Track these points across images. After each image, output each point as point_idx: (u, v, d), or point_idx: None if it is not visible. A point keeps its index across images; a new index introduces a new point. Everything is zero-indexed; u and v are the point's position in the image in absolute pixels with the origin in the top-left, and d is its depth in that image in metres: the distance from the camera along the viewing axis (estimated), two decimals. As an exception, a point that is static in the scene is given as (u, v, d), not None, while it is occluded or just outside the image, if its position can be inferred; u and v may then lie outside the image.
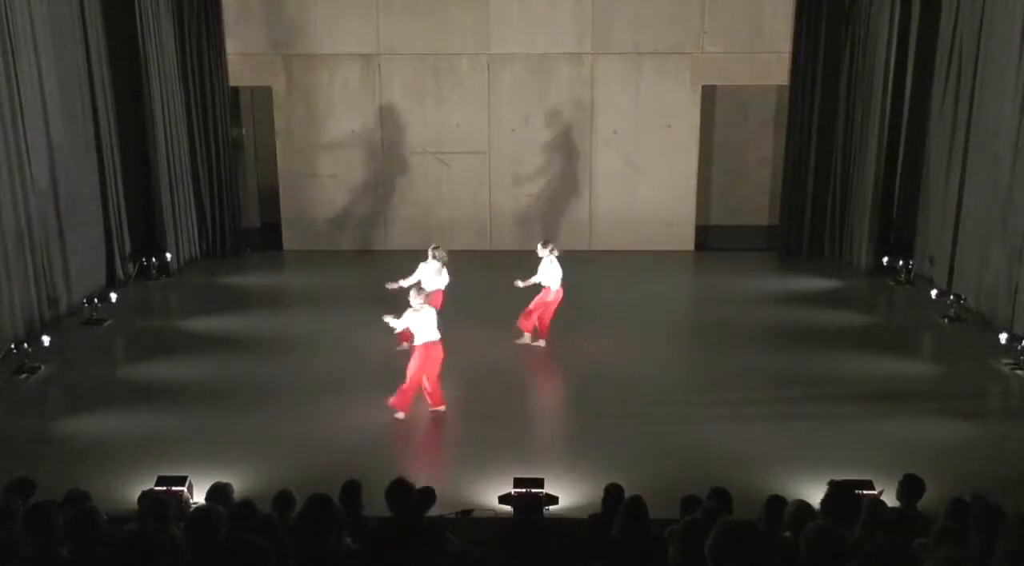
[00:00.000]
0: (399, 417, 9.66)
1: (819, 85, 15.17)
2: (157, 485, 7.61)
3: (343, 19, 15.38)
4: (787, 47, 15.25)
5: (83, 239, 13.37)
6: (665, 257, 15.73)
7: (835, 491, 5.51)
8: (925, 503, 6.28)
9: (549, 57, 15.51)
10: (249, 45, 15.47)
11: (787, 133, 15.63)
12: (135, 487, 7.59)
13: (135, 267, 14.61)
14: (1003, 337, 11.39)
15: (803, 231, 15.75)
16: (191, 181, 15.38)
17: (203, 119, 15.31)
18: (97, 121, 13.63)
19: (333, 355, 11.52)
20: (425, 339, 9.56)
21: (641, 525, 5.69)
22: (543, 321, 11.75)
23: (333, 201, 16.11)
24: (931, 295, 13.44)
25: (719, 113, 16.75)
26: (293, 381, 10.71)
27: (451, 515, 7.51)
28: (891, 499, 6.40)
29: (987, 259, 12.53)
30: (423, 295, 9.66)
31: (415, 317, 9.58)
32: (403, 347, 10.72)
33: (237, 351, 11.74)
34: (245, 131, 17.02)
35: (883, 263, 14.67)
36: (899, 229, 15.19)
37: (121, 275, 14.28)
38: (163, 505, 5.68)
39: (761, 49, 15.36)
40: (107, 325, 12.64)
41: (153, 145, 14.58)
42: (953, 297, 12.85)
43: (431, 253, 11.45)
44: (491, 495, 7.92)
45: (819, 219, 15.67)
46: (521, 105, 15.67)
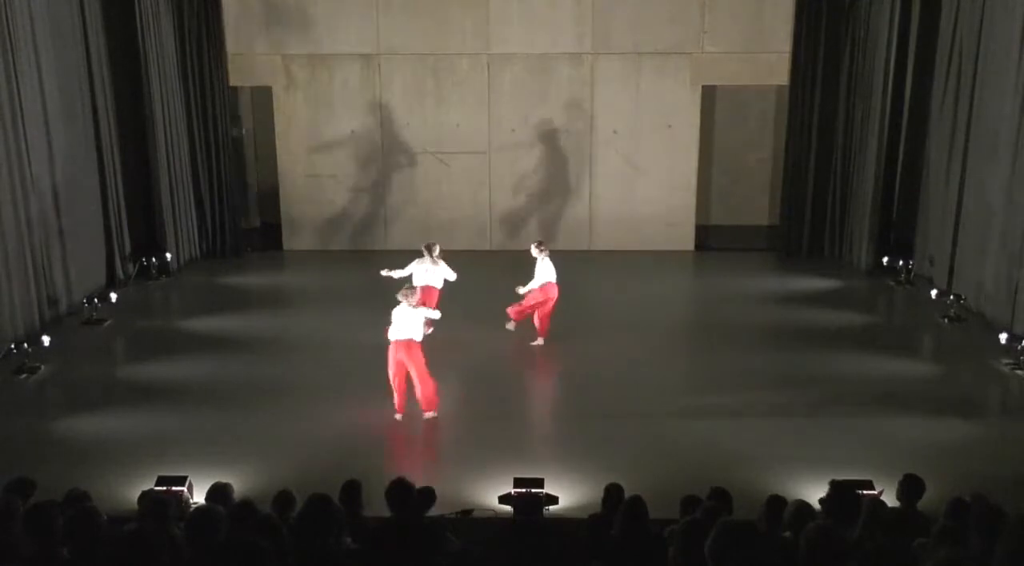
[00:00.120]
0: (398, 418, 9.69)
1: (819, 85, 15.16)
2: (157, 485, 7.61)
3: (343, 19, 15.38)
4: (787, 47, 15.25)
5: (83, 239, 13.37)
6: (665, 257, 15.73)
7: (835, 491, 5.52)
8: (925, 503, 6.28)
9: (549, 57, 15.51)
10: (249, 45, 15.47)
11: (787, 133, 15.62)
12: (135, 487, 7.59)
13: (135, 267, 14.61)
14: (1003, 337, 11.39)
15: (803, 231, 15.75)
16: (191, 181, 15.39)
17: (203, 119, 15.32)
18: (97, 121, 13.63)
19: (333, 355, 11.52)
20: (408, 337, 9.52)
21: (641, 525, 5.69)
22: (542, 321, 11.76)
23: (333, 201, 16.11)
24: (931, 295, 13.44)
25: (719, 113, 16.74)
26: (293, 381, 10.72)
27: (451, 515, 7.51)
28: (891, 499, 6.40)
29: (987, 259, 12.53)
30: (413, 294, 9.64)
31: (403, 314, 9.55)
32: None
33: (237, 351, 11.74)
34: (245, 131, 17.03)
35: (883, 263, 14.66)
36: (899, 229, 15.18)
37: (121, 275, 14.28)
38: (163, 505, 5.67)
39: (761, 49, 15.36)
40: (107, 325, 12.65)
41: (153, 145, 14.58)
42: (953, 297, 12.85)
43: (424, 250, 11.63)
44: (491, 495, 7.93)
45: (819, 219, 15.67)
46: (521, 105, 15.67)
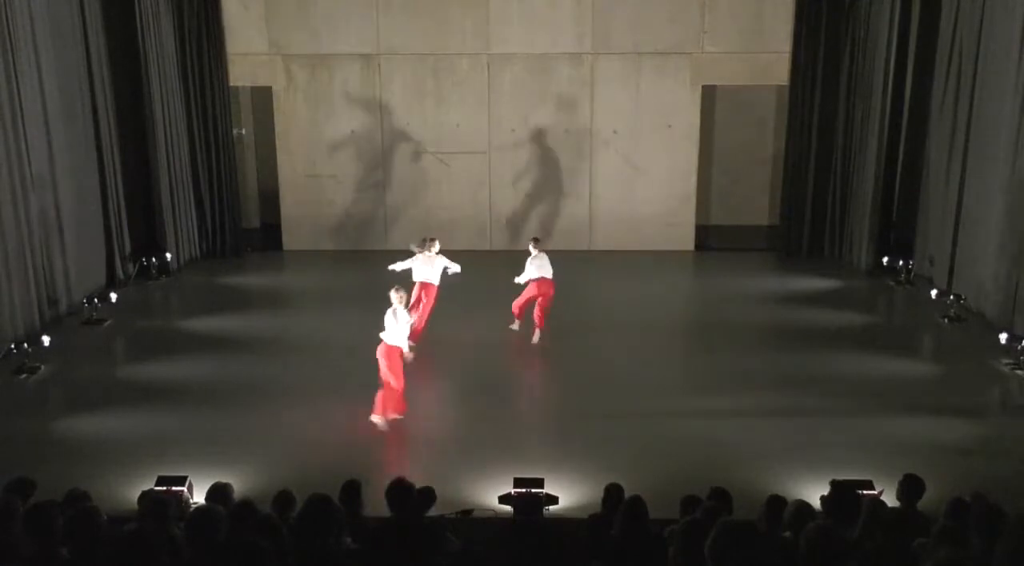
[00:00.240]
0: (398, 418, 9.69)
1: (819, 85, 15.17)
2: (157, 485, 7.61)
3: (343, 19, 15.37)
4: (787, 47, 15.25)
5: (83, 239, 13.37)
6: (665, 257, 15.73)
7: (835, 491, 5.52)
8: (925, 503, 6.28)
9: (549, 57, 15.50)
10: (249, 45, 15.47)
11: (787, 133, 15.63)
12: (135, 487, 7.59)
13: (135, 267, 14.61)
14: (1003, 337, 11.40)
15: (803, 231, 15.75)
16: (191, 181, 15.39)
17: (203, 119, 15.32)
18: (97, 121, 13.63)
19: (333, 355, 11.52)
20: (389, 341, 9.51)
21: (641, 525, 5.69)
22: (539, 316, 11.87)
23: (333, 201, 16.11)
24: (931, 295, 13.45)
25: (719, 113, 16.74)
26: (293, 381, 10.72)
27: (451, 515, 7.51)
28: (891, 499, 6.40)
29: (987, 259, 12.53)
30: (401, 295, 9.62)
31: (392, 315, 9.53)
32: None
33: (237, 351, 11.74)
34: (244, 131, 17.02)
35: (883, 263, 14.67)
36: (899, 229, 15.18)
37: (121, 275, 14.28)
38: (163, 505, 5.67)
39: (761, 49, 15.35)
40: (107, 325, 12.65)
41: (153, 145, 14.59)
42: (953, 297, 12.85)
43: (424, 245, 11.69)
44: (491, 495, 7.93)
45: (819, 219, 15.67)
46: (521, 105, 15.67)
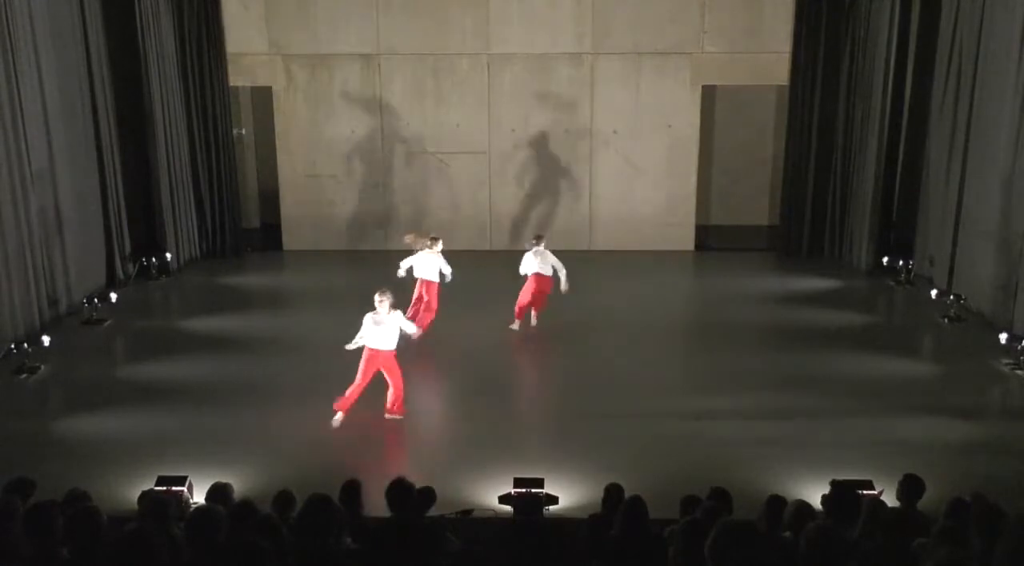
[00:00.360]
0: (399, 418, 9.69)
1: (819, 85, 15.16)
2: (157, 485, 7.61)
3: (343, 19, 15.37)
4: (787, 47, 15.25)
5: (83, 239, 13.37)
6: (665, 257, 15.72)
7: (835, 491, 5.52)
8: (925, 503, 6.28)
9: (549, 57, 15.50)
10: (249, 45, 15.46)
11: (787, 133, 15.62)
12: (135, 487, 7.59)
13: (135, 267, 14.61)
14: (1003, 337, 11.39)
15: (803, 231, 15.74)
16: (191, 181, 15.38)
17: (203, 119, 15.31)
18: (97, 121, 13.63)
19: (333, 355, 11.46)
20: (381, 347, 9.45)
21: (641, 525, 5.69)
22: (521, 307, 12.08)
23: (333, 201, 16.10)
24: (931, 295, 13.44)
25: (719, 113, 16.74)
26: (293, 381, 10.72)
27: (451, 515, 7.51)
28: (891, 499, 6.40)
29: (987, 259, 12.53)
30: (389, 298, 9.53)
31: (377, 324, 9.43)
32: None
33: (237, 351, 11.74)
34: (244, 131, 17.01)
35: (883, 263, 14.66)
36: (899, 229, 15.17)
37: (121, 275, 14.28)
38: (163, 505, 5.67)
39: (761, 49, 15.35)
40: (107, 325, 12.64)
41: (153, 145, 14.58)
42: (953, 297, 12.85)
43: (428, 242, 11.75)
44: (491, 495, 7.93)
45: (819, 219, 15.67)
46: (521, 105, 15.66)
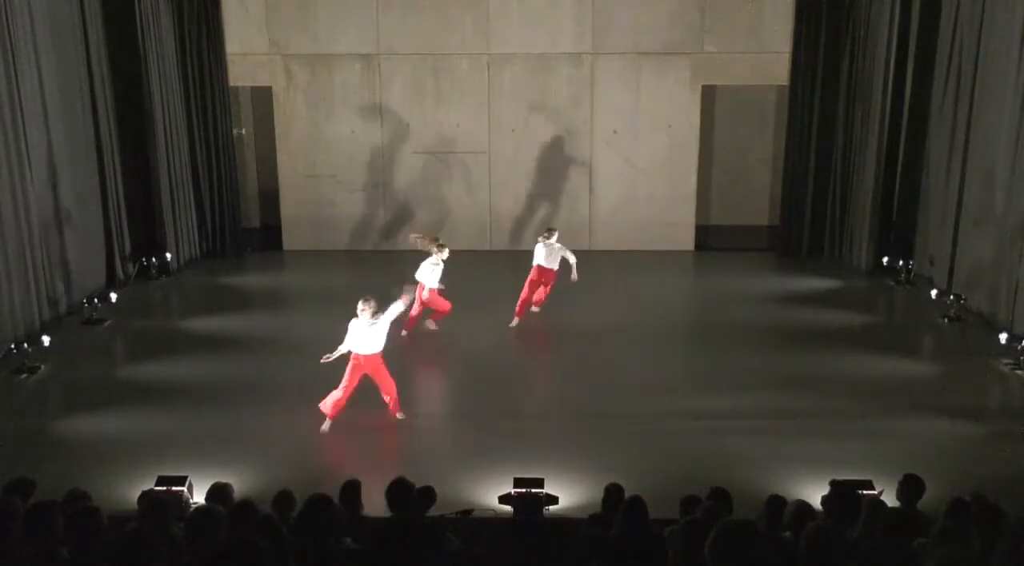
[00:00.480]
0: (400, 417, 9.70)
1: (819, 85, 15.15)
2: (157, 485, 7.61)
3: (343, 19, 15.37)
4: (787, 47, 15.24)
5: (83, 239, 13.36)
6: (665, 257, 15.72)
7: (835, 491, 5.52)
8: (925, 503, 6.28)
9: (549, 57, 15.50)
10: (249, 45, 15.46)
11: (787, 133, 15.61)
12: (135, 487, 7.59)
13: (135, 267, 14.61)
14: (1003, 337, 11.39)
15: (803, 231, 15.74)
16: (191, 181, 15.38)
17: (203, 119, 15.31)
18: (97, 121, 13.62)
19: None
20: (366, 351, 9.41)
21: (641, 525, 5.69)
22: (522, 303, 12.29)
23: (333, 201, 16.10)
24: (931, 295, 13.44)
25: (719, 113, 16.73)
26: (293, 381, 10.69)
27: (451, 515, 7.50)
28: (891, 499, 6.40)
29: (987, 259, 12.53)
30: (372, 306, 9.42)
31: (364, 329, 9.36)
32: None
33: (237, 351, 11.74)
34: (244, 131, 17.00)
35: (883, 263, 14.65)
36: (899, 229, 15.16)
37: (121, 275, 14.27)
38: (163, 505, 5.67)
39: (761, 49, 15.35)
40: (107, 325, 12.64)
41: (153, 145, 14.58)
42: (953, 297, 12.85)
43: (432, 247, 11.69)
44: (491, 495, 7.92)
45: (819, 219, 15.66)
46: (521, 105, 15.66)
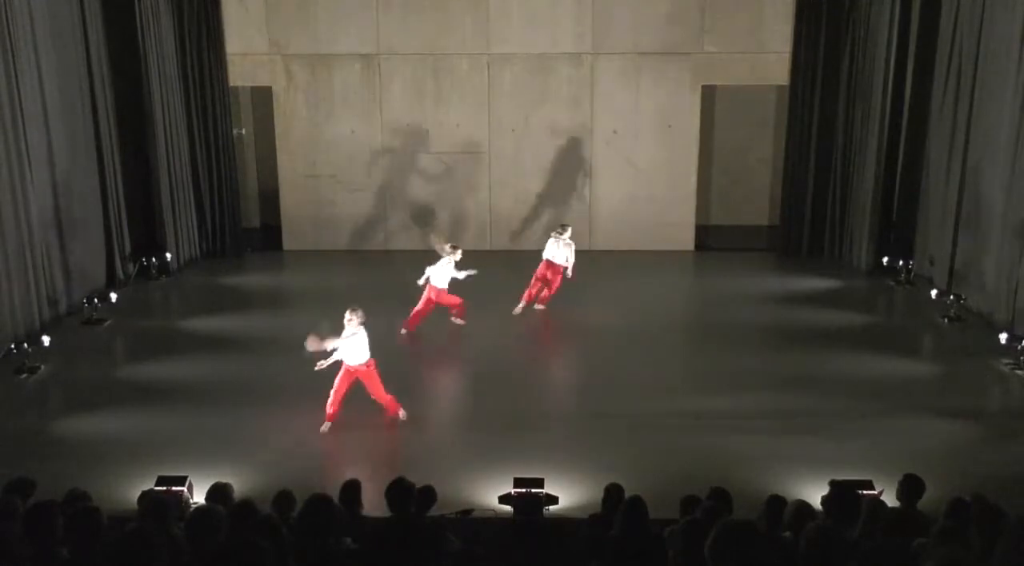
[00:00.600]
0: (402, 417, 9.70)
1: (819, 85, 15.15)
2: (157, 485, 7.62)
3: (343, 19, 15.37)
4: (787, 47, 15.24)
5: (83, 239, 13.36)
6: (665, 257, 15.72)
7: (835, 491, 5.52)
8: (925, 503, 6.28)
9: (549, 57, 15.50)
10: (249, 45, 15.46)
11: (787, 133, 15.61)
12: (135, 487, 7.59)
13: (135, 267, 14.61)
14: (1003, 337, 11.40)
15: (803, 231, 15.74)
16: (191, 181, 15.38)
17: (203, 119, 15.31)
18: (97, 121, 13.62)
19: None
20: (352, 362, 9.43)
21: (641, 525, 5.69)
22: (529, 293, 12.58)
23: (333, 201, 16.10)
24: (931, 295, 13.44)
25: (719, 113, 16.73)
26: (293, 381, 10.68)
27: (451, 515, 7.51)
28: (891, 499, 6.40)
29: (987, 259, 12.53)
30: (359, 316, 9.42)
31: (350, 340, 9.37)
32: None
33: (237, 351, 11.74)
34: (244, 131, 17.00)
35: (883, 263, 14.65)
36: (899, 229, 15.16)
37: (121, 275, 14.27)
38: (163, 505, 5.67)
39: (761, 49, 15.35)
40: (107, 325, 12.64)
41: (153, 145, 14.58)
42: (953, 297, 12.85)
43: (446, 248, 11.86)
44: (491, 495, 7.93)
45: (819, 219, 15.66)
46: (521, 105, 15.66)
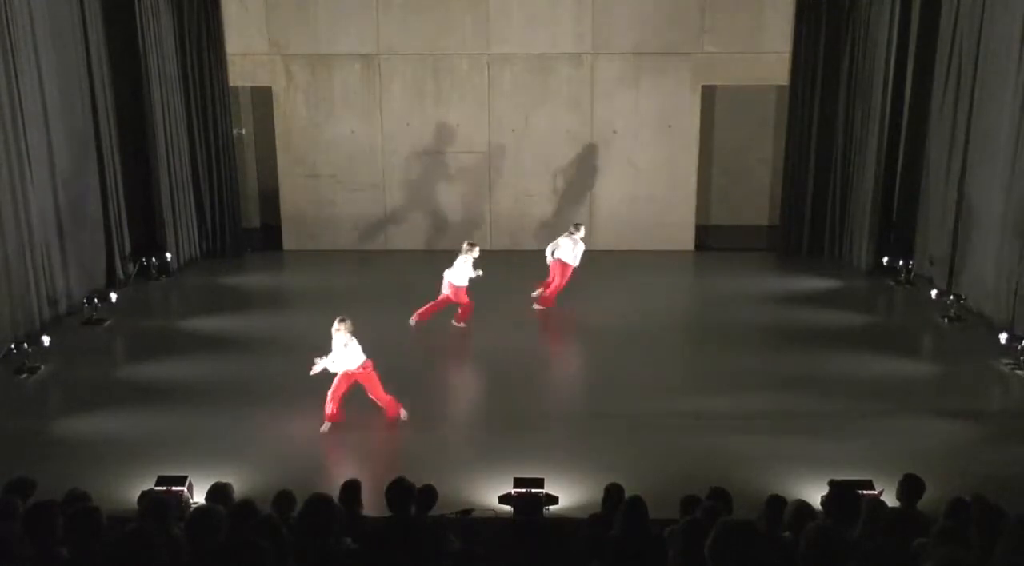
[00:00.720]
0: (403, 417, 9.70)
1: (819, 85, 15.16)
2: (157, 485, 7.62)
3: (343, 19, 15.37)
4: (787, 47, 15.24)
5: (83, 239, 13.36)
6: (665, 257, 15.72)
7: (835, 491, 5.52)
8: (925, 503, 6.28)
9: (549, 57, 15.50)
10: (249, 45, 15.46)
11: (787, 133, 15.61)
12: (135, 487, 7.60)
13: (135, 267, 14.61)
14: (1003, 337, 11.39)
15: (803, 231, 15.74)
16: (191, 181, 15.38)
17: (203, 119, 15.31)
18: (97, 121, 13.62)
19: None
20: (346, 368, 9.42)
21: (641, 525, 5.69)
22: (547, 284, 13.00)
23: (333, 201, 16.10)
24: (931, 295, 13.43)
25: (719, 113, 16.73)
26: (293, 381, 10.66)
27: (451, 515, 7.51)
28: (891, 499, 6.41)
29: (987, 259, 12.53)
30: (348, 325, 9.38)
31: (342, 351, 9.35)
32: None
33: (237, 351, 11.74)
34: (244, 131, 17.00)
35: (883, 263, 14.65)
36: (899, 229, 15.16)
37: (121, 275, 14.27)
38: (163, 505, 5.67)
39: (761, 49, 15.35)
40: (107, 325, 12.64)
41: (153, 145, 14.58)
42: (953, 297, 12.85)
43: (463, 245, 12.09)
44: (491, 495, 7.93)
45: (819, 219, 15.67)
46: (521, 105, 15.66)
